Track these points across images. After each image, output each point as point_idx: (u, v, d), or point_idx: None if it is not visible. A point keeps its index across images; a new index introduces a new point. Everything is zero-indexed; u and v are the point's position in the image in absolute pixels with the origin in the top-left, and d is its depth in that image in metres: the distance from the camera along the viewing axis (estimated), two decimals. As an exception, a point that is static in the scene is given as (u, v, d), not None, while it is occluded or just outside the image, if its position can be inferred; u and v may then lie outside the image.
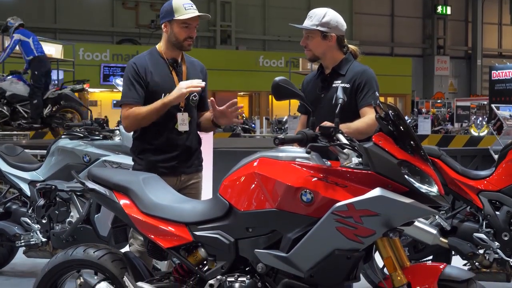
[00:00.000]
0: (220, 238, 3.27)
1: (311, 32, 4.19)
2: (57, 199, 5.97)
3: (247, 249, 3.22)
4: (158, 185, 3.65)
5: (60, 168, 6.09)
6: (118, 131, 6.06)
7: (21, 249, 6.28)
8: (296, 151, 3.20)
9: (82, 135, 6.18)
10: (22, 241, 6.04)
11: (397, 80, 36.39)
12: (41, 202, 5.90)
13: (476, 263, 5.17)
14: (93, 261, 3.63)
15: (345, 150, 3.14)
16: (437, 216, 5.21)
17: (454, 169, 5.23)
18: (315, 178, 3.05)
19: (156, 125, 4.09)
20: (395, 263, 3.10)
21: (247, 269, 3.28)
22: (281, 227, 3.12)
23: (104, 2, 33.66)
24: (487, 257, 5.12)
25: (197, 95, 4.23)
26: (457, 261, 5.21)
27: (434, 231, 5.11)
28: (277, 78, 3.29)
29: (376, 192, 2.92)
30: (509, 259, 5.09)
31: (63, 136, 6.30)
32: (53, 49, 20.83)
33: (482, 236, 5.08)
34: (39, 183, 5.98)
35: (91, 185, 3.68)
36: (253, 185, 3.19)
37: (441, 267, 3.13)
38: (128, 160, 5.40)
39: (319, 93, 4.22)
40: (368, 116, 3.99)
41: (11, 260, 6.55)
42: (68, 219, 5.96)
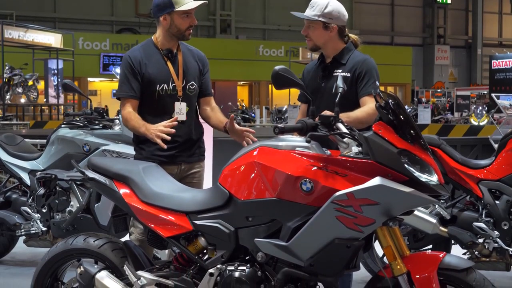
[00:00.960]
0: (220, 227, 3.27)
1: (313, 22, 4.18)
2: (57, 188, 5.97)
3: (247, 238, 3.22)
4: (158, 174, 3.65)
5: (60, 157, 6.09)
6: (118, 121, 6.05)
7: (21, 238, 6.29)
8: (296, 140, 3.20)
9: (81, 124, 6.17)
10: (22, 230, 6.05)
11: (397, 70, 36.37)
12: (41, 191, 5.90)
13: (476, 252, 5.18)
14: (93, 250, 3.64)
15: (345, 139, 3.14)
16: (436, 205, 5.21)
17: (454, 159, 5.23)
18: (315, 167, 3.05)
19: (154, 115, 4.09)
20: (394, 252, 3.10)
21: (247, 258, 3.28)
22: (281, 216, 3.12)
23: (104, -9, 33.60)
24: (486, 246, 5.13)
25: (195, 84, 4.22)
26: (456, 250, 5.22)
27: (433, 220, 5.12)
28: (277, 67, 3.29)
29: (376, 181, 2.92)
30: (508, 248, 5.10)
31: (62, 126, 6.30)
32: (52, 39, 20.86)
33: (482, 225, 5.09)
34: (39, 172, 5.98)
35: (91, 174, 3.68)
36: (253, 174, 3.19)
37: (440, 256, 3.13)
38: (128, 150, 5.41)
39: (319, 82, 4.22)
40: (368, 106, 3.99)
41: (11, 249, 6.56)
42: (68, 209, 5.97)
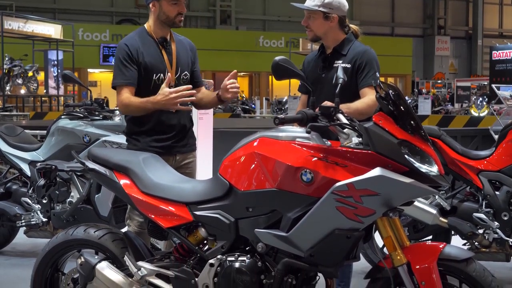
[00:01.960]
0: (220, 218, 3.28)
1: (313, 12, 4.18)
2: (57, 179, 5.98)
3: (247, 229, 3.22)
4: (158, 165, 3.65)
5: (60, 148, 6.10)
6: (118, 111, 6.05)
7: (22, 229, 6.30)
8: (296, 131, 3.20)
9: (82, 115, 6.17)
10: (23, 221, 6.06)
11: (398, 61, 36.32)
12: (42, 182, 5.91)
13: (476, 243, 5.19)
14: (93, 241, 3.65)
15: (345, 130, 3.14)
16: (437, 196, 5.21)
17: (454, 149, 5.23)
18: (315, 158, 3.05)
19: None
20: (394, 242, 3.11)
21: (247, 248, 3.29)
22: (281, 206, 3.13)
23: (104, -18, 33.52)
24: (486, 237, 5.14)
25: (187, 73, 4.21)
26: (456, 241, 5.22)
27: (433, 211, 5.12)
28: (277, 58, 3.28)
29: (376, 171, 2.92)
30: (508, 238, 5.10)
31: (63, 116, 6.30)
32: (52, 29, 20.83)
33: (482, 216, 5.09)
34: (39, 163, 5.98)
35: (91, 165, 3.68)
36: (253, 165, 3.19)
37: (440, 246, 3.13)
38: (128, 140, 5.40)
39: (320, 73, 4.21)
40: (368, 97, 3.99)
41: (11, 240, 6.57)
42: (68, 199, 5.98)
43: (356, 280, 4.32)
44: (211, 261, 3.28)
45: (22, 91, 19.57)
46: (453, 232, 5.36)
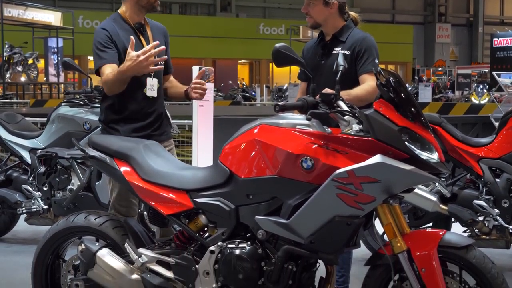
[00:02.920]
0: (220, 205, 3.28)
1: None
2: (58, 166, 5.99)
3: (247, 216, 3.23)
4: (158, 152, 3.65)
5: (60, 135, 6.10)
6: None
7: (23, 217, 6.31)
8: (296, 118, 3.19)
9: (82, 102, 6.17)
10: (24, 208, 6.08)
11: (398, 48, 36.27)
12: (42, 169, 5.92)
13: (476, 230, 5.20)
14: (94, 228, 3.65)
15: (346, 117, 3.13)
16: (437, 183, 5.22)
17: (455, 136, 5.23)
18: (316, 145, 3.05)
19: (125, 91, 3.89)
20: (395, 229, 3.11)
21: (247, 235, 3.29)
22: (281, 194, 3.13)
23: (103, -31, 33.43)
24: (486, 224, 5.15)
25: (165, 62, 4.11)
26: (456, 228, 5.23)
27: (434, 198, 5.13)
28: (277, 45, 3.27)
29: (376, 158, 2.92)
30: (508, 226, 5.11)
31: (63, 104, 6.29)
32: (52, 17, 20.79)
33: (482, 203, 5.10)
34: (39, 151, 5.98)
35: (91, 152, 3.68)
36: (254, 152, 3.19)
37: (440, 233, 3.14)
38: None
39: (319, 60, 4.21)
40: (367, 83, 3.98)
41: (12, 228, 6.58)
42: (69, 187, 5.99)
43: (356, 267, 4.33)
44: (212, 248, 3.29)
45: (22, 79, 19.56)
46: (453, 219, 5.37)
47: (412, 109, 3.03)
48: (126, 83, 3.80)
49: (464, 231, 5.26)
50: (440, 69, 37.58)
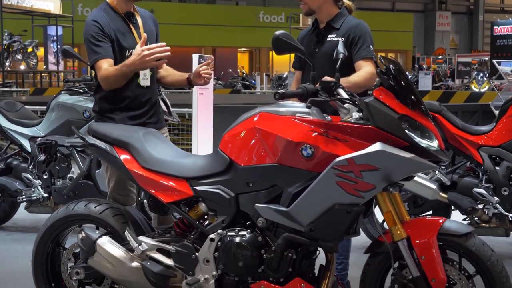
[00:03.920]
0: (220, 193, 3.28)
1: None
2: (58, 154, 5.99)
3: (247, 204, 3.23)
4: (158, 140, 3.65)
5: (60, 123, 6.10)
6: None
7: (23, 205, 6.32)
8: (296, 106, 3.19)
9: (81, 90, 6.17)
10: (24, 196, 6.08)
11: (398, 36, 36.21)
12: (42, 157, 5.92)
13: (476, 218, 5.21)
14: (94, 216, 3.66)
15: (346, 105, 3.13)
16: (437, 171, 5.22)
17: (455, 125, 5.23)
18: (316, 133, 3.05)
19: None
20: (394, 217, 3.12)
21: (247, 223, 3.29)
22: (281, 181, 3.13)
23: (103, -44, 33.28)
24: (486, 212, 5.15)
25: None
26: (456, 216, 5.24)
27: (434, 186, 5.13)
28: (277, 32, 3.26)
29: (376, 146, 2.92)
30: (508, 214, 5.12)
31: (62, 92, 6.29)
32: (51, 5, 20.70)
33: (482, 191, 5.10)
34: (39, 139, 5.98)
35: (91, 140, 3.67)
36: (254, 140, 3.19)
37: (440, 221, 3.15)
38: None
39: (313, 48, 4.19)
40: (364, 70, 3.97)
41: (12, 216, 6.59)
42: (69, 175, 6.00)
43: (356, 255, 4.34)
44: (212, 236, 3.29)
45: (22, 67, 19.52)
46: (453, 207, 5.38)
47: (412, 97, 3.02)
48: (128, 78, 3.80)
49: (464, 219, 5.27)
50: (440, 57, 37.52)
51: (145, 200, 5.05)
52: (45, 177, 6.00)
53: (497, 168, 5.14)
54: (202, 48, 31.51)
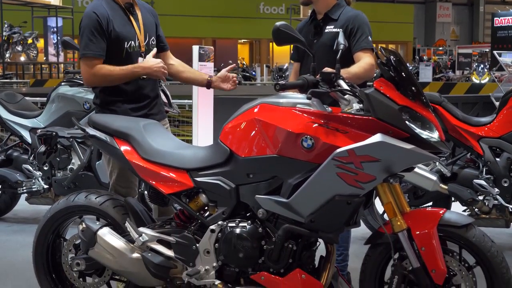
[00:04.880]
0: (221, 184, 3.28)
1: None
2: (58, 146, 5.97)
3: (248, 195, 3.23)
4: (158, 131, 3.65)
5: (60, 115, 6.09)
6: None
7: (23, 196, 6.32)
8: (297, 97, 3.19)
9: (82, 82, 6.15)
10: (24, 188, 6.09)
11: (399, 27, 36.16)
12: (42, 148, 5.88)
13: (476, 209, 5.21)
14: (95, 207, 3.66)
15: (346, 96, 3.13)
16: (437, 163, 5.22)
17: (455, 116, 5.22)
18: (316, 124, 3.05)
19: None
20: (395, 208, 3.12)
21: (248, 214, 3.30)
22: (281, 173, 3.13)
23: None
24: (486, 203, 5.15)
25: (154, 38, 4.09)
26: (456, 208, 5.24)
27: (434, 178, 5.13)
28: (278, 23, 3.26)
29: (376, 138, 2.92)
30: (508, 205, 5.12)
31: (62, 83, 6.28)
32: (51, -4, 20.62)
33: (482, 182, 5.10)
34: (39, 130, 5.97)
35: (91, 131, 3.67)
36: (254, 131, 3.19)
37: (440, 212, 3.15)
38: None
39: (311, 39, 4.17)
40: (363, 61, 3.96)
41: (13, 207, 6.60)
42: (69, 166, 6.00)
43: (356, 246, 4.35)
44: (212, 227, 3.30)
45: (22, 58, 19.50)
46: (453, 199, 5.38)
47: (413, 88, 3.02)
48: (134, 78, 3.86)
49: (464, 210, 5.27)
50: (440, 48, 37.50)
51: (146, 192, 5.05)
52: (45, 168, 6.00)
53: (497, 159, 5.14)
54: (202, 39, 31.47)
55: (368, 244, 3.30)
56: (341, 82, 3.16)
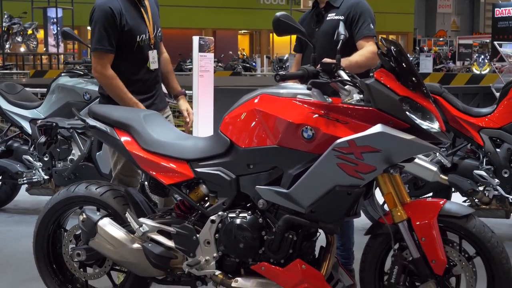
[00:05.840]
0: (221, 175, 3.28)
1: None
2: (59, 136, 5.97)
3: (248, 186, 3.24)
4: (159, 122, 3.64)
5: (60, 106, 6.09)
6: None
7: (24, 187, 6.33)
8: (297, 88, 3.19)
9: (82, 72, 6.15)
10: (25, 178, 6.09)
11: (399, 18, 36.06)
12: (42, 139, 5.89)
13: (476, 200, 5.21)
14: (95, 198, 3.66)
15: (347, 87, 3.13)
16: (437, 153, 5.22)
17: (456, 106, 5.22)
18: (316, 115, 3.04)
19: (130, 66, 3.97)
20: (395, 199, 3.12)
21: (248, 205, 3.30)
22: (282, 163, 3.13)
23: None
24: (486, 194, 5.15)
25: (160, 29, 4.15)
26: (457, 198, 5.24)
27: (434, 168, 5.12)
28: (278, 14, 3.25)
29: (377, 128, 2.92)
30: (508, 196, 5.12)
31: (63, 74, 6.28)
32: (51, -14, 20.58)
33: (482, 173, 5.10)
34: (40, 121, 5.97)
35: (92, 122, 3.67)
36: (254, 122, 3.19)
37: (441, 203, 3.15)
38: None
39: (313, 28, 4.15)
40: (365, 49, 3.93)
41: (14, 198, 6.60)
42: (69, 157, 6.00)
43: (356, 237, 4.34)
44: (212, 217, 3.30)
45: (22, 49, 19.48)
46: (453, 189, 5.38)
47: (413, 78, 3.02)
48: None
49: (464, 201, 5.27)
50: (441, 39, 37.42)
51: (146, 182, 5.06)
52: (45, 159, 6.00)
53: (497, 150, 5.14)
54: (202, 30, 31.40)
55: (368, 234, 3.30)
56: (341, 73, 3.16)
